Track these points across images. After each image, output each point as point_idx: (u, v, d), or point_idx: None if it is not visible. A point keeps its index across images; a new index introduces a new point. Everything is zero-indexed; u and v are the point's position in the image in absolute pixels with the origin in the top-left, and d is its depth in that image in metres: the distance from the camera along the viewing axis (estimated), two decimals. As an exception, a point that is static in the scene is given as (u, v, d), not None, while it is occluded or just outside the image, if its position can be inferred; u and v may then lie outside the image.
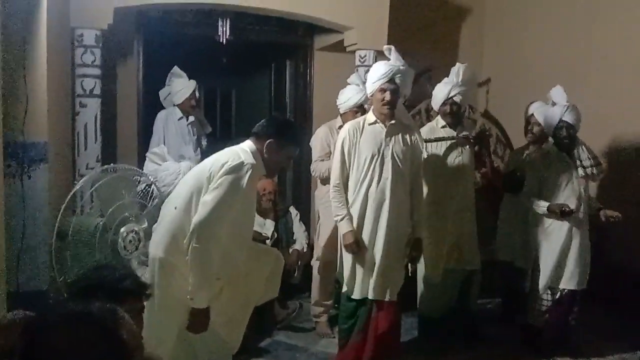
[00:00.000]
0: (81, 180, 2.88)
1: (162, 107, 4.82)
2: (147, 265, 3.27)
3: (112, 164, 2.99)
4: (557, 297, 3.77)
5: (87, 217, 2.87)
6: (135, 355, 1.33)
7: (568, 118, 3.71)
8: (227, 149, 2.75)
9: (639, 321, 4.16)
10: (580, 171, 3.74)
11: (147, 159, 3.47)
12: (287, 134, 2.79)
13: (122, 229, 2.87)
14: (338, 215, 3.42)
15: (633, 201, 4.48)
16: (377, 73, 3.33)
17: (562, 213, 3.63)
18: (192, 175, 2.69)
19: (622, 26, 4.72)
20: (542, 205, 3.73)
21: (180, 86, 4.70)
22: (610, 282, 4.21)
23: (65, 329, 1.27)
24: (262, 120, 2.87)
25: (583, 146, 3.78)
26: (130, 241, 2.92)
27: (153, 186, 3.09)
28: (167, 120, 4.74)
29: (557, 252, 3.73)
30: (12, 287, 3.18)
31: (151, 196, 3.05)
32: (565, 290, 3.76)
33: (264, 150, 2.71)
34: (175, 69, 4.73)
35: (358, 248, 3.34)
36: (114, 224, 2.84)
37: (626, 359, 3.82)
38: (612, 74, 4.77)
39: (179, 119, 4.73)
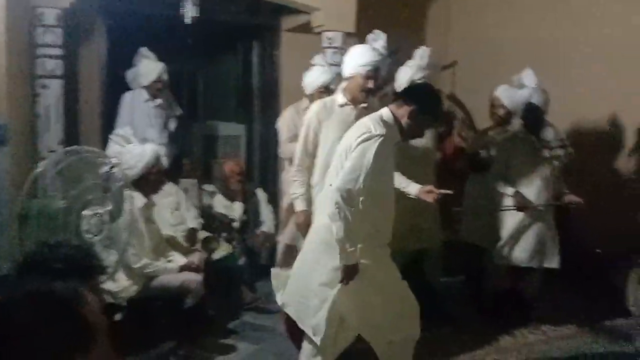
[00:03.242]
0: (42, 163, 2.84)
1: (127, 88, 4.74)
2: (111, 249, 3.27)
3: (74, 146, 2.94)
4: (518, 272, 3.88)
5: (49, 200, 2.84)
6: (98, 335, 1.34)
7: (537, 100, 3.80)
8: (362, 120, 2.83)
9: (600, 299, 4.32)
10: (546, 153, 3.83)
11: (110, 140, 3.43)
12: (430, 106, 2.84)
13: (85, 212, 2.85)
14: (295, 193, 3.42)
15: (594, 184, 4.61)
16: (365, 58, 3.23)
17: (518, 208, 3.73)
18: (338, 149, 2.83)
19: (586, 10, 4.80)
20: (508, 192, 3.81)
21: (147, 68, 4.62)
22: (573, 261, 4.35)
23: (30, 308, 1.28)
24: (409, 86, 3.00)
25: (551, 128, 3.87)
26: (93, 224, 2.89)
27: (116, 168, 3.06)
28: (133, 102, 4.66)
29: (522, 230, 3.83)
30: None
31: (114, 179, 3.02)
32: (526, 267, 3.87)
33: (405, 117, 2.78)
34: (144, 49, 4.64)
35: (307, 231, 3.22)
36: (76, 207, 2.81)
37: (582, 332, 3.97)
38: (577, 58, 4.86)
39: (145, 101, 4.66)
